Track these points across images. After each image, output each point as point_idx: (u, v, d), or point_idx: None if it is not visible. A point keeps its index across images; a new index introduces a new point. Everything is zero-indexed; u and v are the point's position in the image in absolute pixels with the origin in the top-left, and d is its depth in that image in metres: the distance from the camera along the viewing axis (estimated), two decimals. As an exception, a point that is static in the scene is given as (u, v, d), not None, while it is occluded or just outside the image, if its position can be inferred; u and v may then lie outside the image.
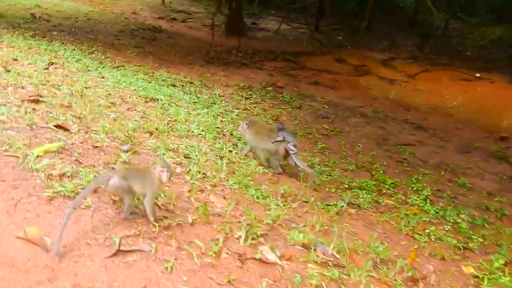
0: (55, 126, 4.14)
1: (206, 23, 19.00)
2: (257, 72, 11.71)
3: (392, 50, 17.33)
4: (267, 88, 10.04)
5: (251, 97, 8.97)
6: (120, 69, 8.92)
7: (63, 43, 10.02)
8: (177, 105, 6.58)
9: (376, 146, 7.21)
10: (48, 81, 5.87)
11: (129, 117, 5.37)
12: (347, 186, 5.20)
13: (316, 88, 10.87)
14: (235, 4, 16.28)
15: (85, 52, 9.79)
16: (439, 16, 15.82)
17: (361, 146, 6.94)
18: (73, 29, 12.79)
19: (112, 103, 5.71)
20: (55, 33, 11.60)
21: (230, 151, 5.10)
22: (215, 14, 21.82)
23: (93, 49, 10.29)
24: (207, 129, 5.51)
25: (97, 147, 4.01)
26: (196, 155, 4.60)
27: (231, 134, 5.69)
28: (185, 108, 6.57)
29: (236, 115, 7.26)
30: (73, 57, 8.43)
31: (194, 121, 5.85)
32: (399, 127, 8.47)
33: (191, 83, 9.28)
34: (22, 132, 3.88)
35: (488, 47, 19.23)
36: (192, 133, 5.27)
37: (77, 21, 14.65)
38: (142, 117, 5.50)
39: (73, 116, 4.71)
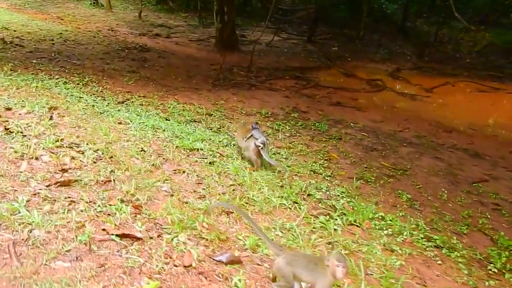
0: (118, 235, 2.75)
1: (192, 38, 17.63)
2: (271, 94, 10.48)
3: (393, 60, 16.53)
4: (292, 115, 8.83)
5: (282, 128, 7.72)
6: (128, 105, 7.49)
7: (50, 75, 8.49)
8: (222, 155, 5.26)
9: (452, 186, 6.12)
10: (62, 140, 4.42)
11: (185, 186, 4.01)
12: (495, 271, 3.96)
13: (341, 110, 9.75)
14: (227, 17, 14.98)
15: (78, 84, 8.31)
16: (471, 29, 15.02)
17: (445, 191, 5.80)
18: (53, 54, 11.18)
19: (153, 165, 4.33)
20: (34, 61, 10.00)
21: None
22: (199, 26, 20.60)
23: (86, 79, 8.82)
24: (286, 195, 4.21)
25: (188, 267, 2.65)
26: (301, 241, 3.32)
27: (319, 201, 4.38)
28: (232, 159, 5.25)
29: (285, 157, 6.00)
30: (71, 95, 6.94)
31: (257, 179, 4.54)
32: (455, 156, 7.43)
33: (210, 114, 7.96)
34: (81, 263, 2.48)
35: (484, 53, 18.78)
36: (272, 204, 3.96)
37: (53, 43, 12.97)
38: (199, 183, 4.15)
39: (123, 201, 3.32)
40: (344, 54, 16.69)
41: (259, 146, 5.00)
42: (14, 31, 14.17)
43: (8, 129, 4.38)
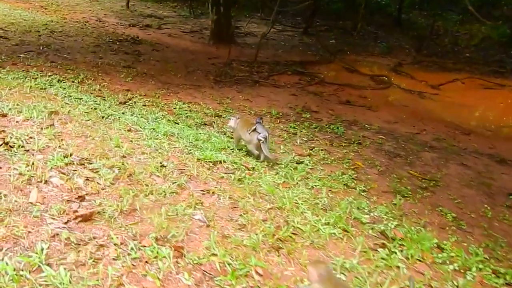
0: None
1: (184, 30, 16.88)
2: (276, 91, 9.93)
3: (392, 54, 16.11)
4: (303, 115, 8.30)
5: (297, 132, 7.20)
6: (131, 106, 6.85)
7: (41, 72, 7.77)
8: (248, 169, 4.70)
9: (489, 199, 5.69)
10: (70, 155, 3.80)
11: (219, 212, 3.46)
12: None
13: (352, 109, 9.26)
14: (223, 8, 14.27)
15: (74, 82, 7.63)
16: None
17: (488, 208, 5.35)
18: (41, 47, 10.39)
19: (178, 184, 3.75)
20: (22, 55, 9.24)
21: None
22: (189, 17, 19.77)
23: (81, 76, 8.12)
24: (333, 220, 3.68)
25: None
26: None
27: (370, 227, 3.87)
28: (260, 172, 4.70)
29: (311, 167, 5.48)
30: (69, 95, 6.27)
31: (295, 200, 4.00)
32: (481, 163, 7.01)
33: (218, 116, 7.37)
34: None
35: (482, 46, 18.51)
36: (322, 235, 3.44)
37: (40, 35, 12.13)
38: (233, 207, 3.60)
39: (158, 240, 2.76)
40: (342, 48, 16.18)
41: (261, 140, 5.17)
42: (-4, 21, 13.26)
43: (7, 143, 3.74)
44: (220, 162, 4.65)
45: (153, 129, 5.37)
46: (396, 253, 3.37)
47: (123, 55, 11.27)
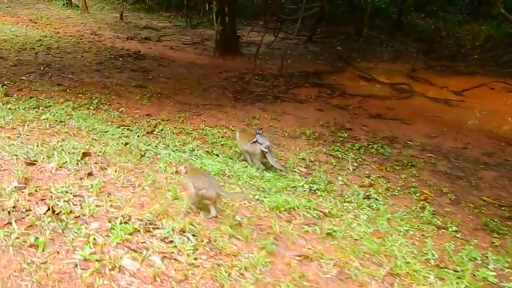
0: None
1: (185, 41, 16.11)
2: (300, 107, 9.25)
3: (402, 59, 15.58)
4: (339, 135, 7.64)
5: (343, 156, 6.52)
6: (161, 136, 6.09)
7: (51, 98, 6.99)
8: (325, 214, 4.00)
9: None
10: (129, 219, 3.06)
11: (333, 289, 2.75)
12: None
13: (385, 124, 8.63)
14: (229, 18, 13.56)
15: (89, 109, 6.86)
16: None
17: None
18: (42, 68, 9.57)
19: (266, 250, 3.03)
20: (23, 77, 8.44)
21: None
22: (186, 27, 18.99)
23: (95, 101, 7.36)
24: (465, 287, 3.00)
25: None
26: None
27: None
28: (343, 219, 4.00)
29: (382, 203, 4.80)
30: (93, 128, 5.50)
31: (402, 255, 3.31)
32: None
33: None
34: None
35: (488, 47, 18.11)
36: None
37: (36, 53, 11.30)
38: (344, 278, 2.90)
39: None
40: (350, 54, 15.57)
41: (264, 151, 5.25)
42: (-13, 39, 12.36)
43: (54, 210, 2.97)
44: (294, 208, 3.93)
45: (200, 167, 4.62)
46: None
47: (130, 72, 10.48)
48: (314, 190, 4.82)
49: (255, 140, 5.38)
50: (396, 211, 4.59)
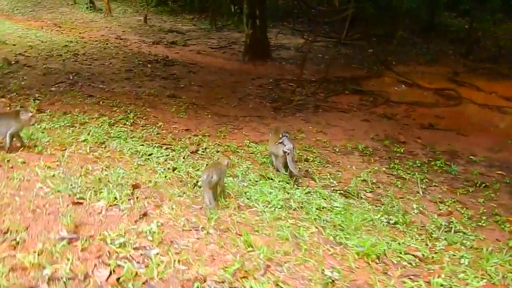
0: None
1: (212, 45, 15.55)
2: (344, 117, 8.62)
3: (440, 62, 14.73)
4: (395, 150, 6.98)
5: (407, 176, 5.87)
6: (205, 155, 5.53)
7: (85, 112, 6.50)
8: (420, 259, 3.37)
9: None
10: (204, 281, 2.49)
11: None
12: None
13: (440, 136, 7.95)
14: (259, 21, 12.96)
15: (126, 123, 6.38)
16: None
17: None
18: (71, 77, 9.15)
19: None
20: (53, 89, 8.03)
21: None
22: (211, 30, 18.47)
23: (130, 115, 6.88)
24: None
25: None
26: None
27: None
28: (444, 267, 3.37)
29: (471, 237, 4.15)
30: (135, 150, 4.97)
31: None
32: None
33: (306, 160, 6.04)
34: None
35: (529, 47, 17.17)
36: None
37: (63, 60, 10.90)
38: None
39: None
40: (385, 57, 14.81)
41: (286, 152, 5.13)
42: (14, 45, 12.04)
43: (118, 278, 2.40)
44: (384, 253, 3.32)
45: (268, 201, 4.04)
46: None
47: (160, 80, 9.97)
48: (392, 223, 4.19)
49: (281, 141, 5.28)
50: (494, 249, 3.93)
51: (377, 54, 14.04)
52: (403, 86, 11.31)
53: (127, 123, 6.41)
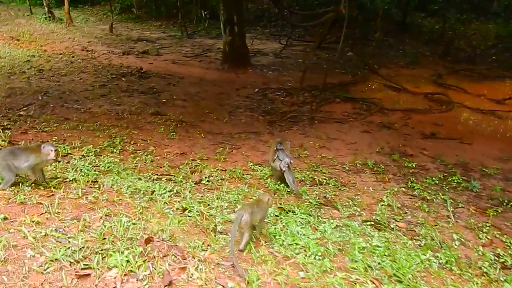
0: None
1: (186, 54, 14.80)
2: (343, 128, 8.13)
3: (420, 64, 14.58)
4: (405, 165, 6.53)
5: (426, 196, 5.42)
6: (212, 188, 4.86)
7: (65, 140, 5.70)
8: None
9: None
10: None
11: None
12: None
13: (445, 146, 7.59)
14: (238, 27, 12.34)
15: (113, 151, 5.61)
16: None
17: None
18: (40, 97, 8.23)
19: None
20: (22, 113, 7.11)
21: None
22: (182, 37, 17.67)
23: (116, 140, 6.11)
24: None
25: None
26: None
27: None
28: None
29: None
30: (134, 187, 4.25)
31: None
32: None
33: (319, 184, 5.48)
34: None
35: (501, 47, 17.30)
36: None
37: (28, 77, 9.90)
38: None
39: None
40: (367, 61, 14.52)
41: (283, 170, 4.98)
42: (-32, 63, 10.88)
43: None
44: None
45: (303, 247, 3.43)
46: None
47: (139, 95, 9.18)
48: (444, 263, 3.67)
49: (275, 157, 5.10)
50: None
51: (362, 57, 13.74)
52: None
53: (115, 150, 5.64)
